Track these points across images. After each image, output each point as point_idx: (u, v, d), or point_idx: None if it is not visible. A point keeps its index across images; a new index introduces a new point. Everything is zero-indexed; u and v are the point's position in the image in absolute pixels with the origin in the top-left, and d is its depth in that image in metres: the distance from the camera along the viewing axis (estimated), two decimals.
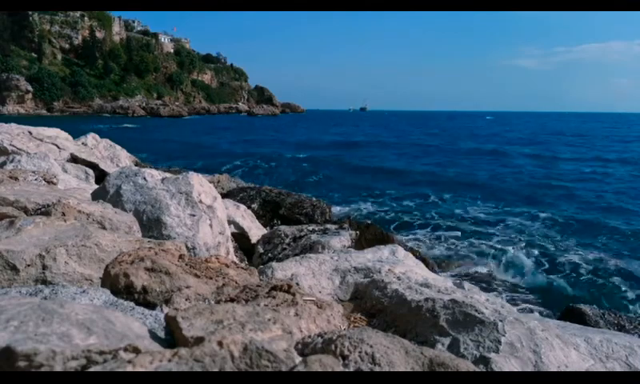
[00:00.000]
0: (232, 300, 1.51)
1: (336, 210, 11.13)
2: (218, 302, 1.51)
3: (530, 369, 1.71)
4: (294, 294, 1.53)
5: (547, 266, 8.86)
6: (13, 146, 5.55)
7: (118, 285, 1.50)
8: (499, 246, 9.89)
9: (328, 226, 4.89)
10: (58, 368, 0.83)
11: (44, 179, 3.39)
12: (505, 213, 13.24)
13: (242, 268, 1.90)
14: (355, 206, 13.75)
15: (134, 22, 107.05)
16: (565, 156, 29.02)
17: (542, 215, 12.94)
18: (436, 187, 17.24)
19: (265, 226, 5.84)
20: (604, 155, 29.72)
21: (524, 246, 9.92)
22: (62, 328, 0.92)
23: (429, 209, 13.62)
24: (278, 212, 6.86)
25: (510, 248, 9.79)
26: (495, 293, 7.04)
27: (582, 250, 9.87)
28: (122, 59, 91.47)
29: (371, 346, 1.08)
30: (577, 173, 22.42)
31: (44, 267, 1.64)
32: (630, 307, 7.15)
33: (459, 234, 10.93)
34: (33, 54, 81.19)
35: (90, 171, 5.42)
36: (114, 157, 8.11)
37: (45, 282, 1.59)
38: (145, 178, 3.27)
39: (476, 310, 1.88)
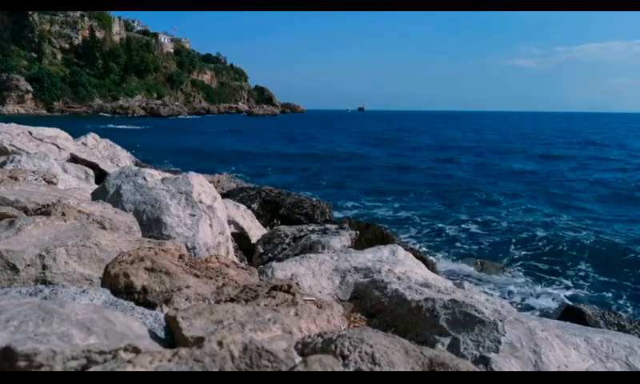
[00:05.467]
0: (232, 300, 1.51)
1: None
2: (217, 302, 1.50)
3: (530, 369, 1.70)
4: (293, 294, 1.53)
5: (548, 265, 8.86)
6: (13, 145, 5.54)
7: (117, 285, 1.50)
8: (499, 246, 9.90)
9: (328, 225, 4.88)
10: (58, 368, 0.83)
11: (44, 179, 3.39)
12: (504, 212, 13.24)
13: (242, 268, 1.90)
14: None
15: (133, 21, 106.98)
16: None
17: (544, 215, 12.94)
18: (435, 188, 17.24)
19: (265, 226, 5.83)
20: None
21: (524, 246, 9.92)
22: (61, 328, 0.92)
23: (429, 209, 13.63)
24: (278, 212, 6.85)
25: (511, 248, 9.79)
26: (495, 293, 7.04)
27: (583, 249, 9.87)
28: (122, 59, 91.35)
29: (371, 346, 1.08)
30: (578, 171, 22.49)
31: (44, 267, 1.63)
32: (630, 307, 7.15)
33: (459, 233, 10.94)
34: (33, 54, 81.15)
35: (90, 171, 5.42)
36: (113, 157, 8.11)
37: (45, 282, 1.59)
38: (145, 178, 3.26)
39: (476, 310, 1.88)
